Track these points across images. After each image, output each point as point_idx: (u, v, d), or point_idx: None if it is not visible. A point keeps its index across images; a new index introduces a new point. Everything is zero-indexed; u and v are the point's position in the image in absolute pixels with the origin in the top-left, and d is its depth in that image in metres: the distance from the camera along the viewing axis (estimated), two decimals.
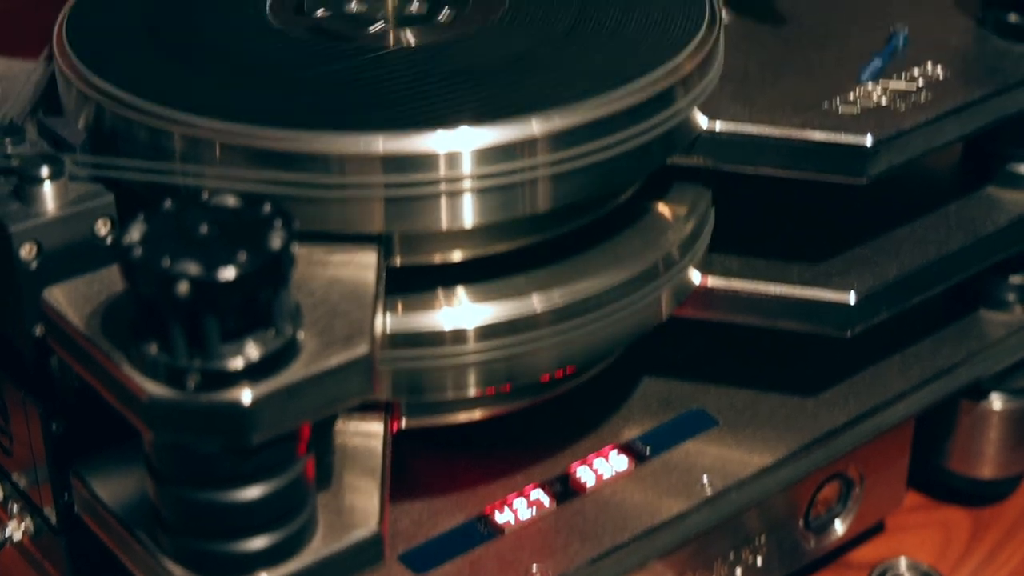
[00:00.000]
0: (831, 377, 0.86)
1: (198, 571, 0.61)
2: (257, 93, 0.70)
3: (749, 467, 0.80)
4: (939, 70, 0.80)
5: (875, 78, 0.79)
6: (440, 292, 0.71)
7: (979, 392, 0.91)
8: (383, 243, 0.68)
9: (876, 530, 0.94)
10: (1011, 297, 0.90)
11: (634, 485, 0.79)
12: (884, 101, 0.78)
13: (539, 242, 0.73)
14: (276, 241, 0.57)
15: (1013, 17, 0.84)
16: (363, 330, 0.61)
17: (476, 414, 0.76)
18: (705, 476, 0.79)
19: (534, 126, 0.67)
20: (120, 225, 0.65)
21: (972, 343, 0.89)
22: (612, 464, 0.80)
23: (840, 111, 0.77)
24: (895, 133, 0.75)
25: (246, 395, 0.57)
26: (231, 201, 0.59)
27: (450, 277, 0.72)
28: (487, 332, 0.70)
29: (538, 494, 0.78)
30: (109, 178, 0.67)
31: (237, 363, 0.57)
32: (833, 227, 0.83)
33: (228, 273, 0.55)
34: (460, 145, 0.66)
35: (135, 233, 0.57)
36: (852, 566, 0.93)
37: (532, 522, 0.77)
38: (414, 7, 0.79)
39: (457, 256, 0.72)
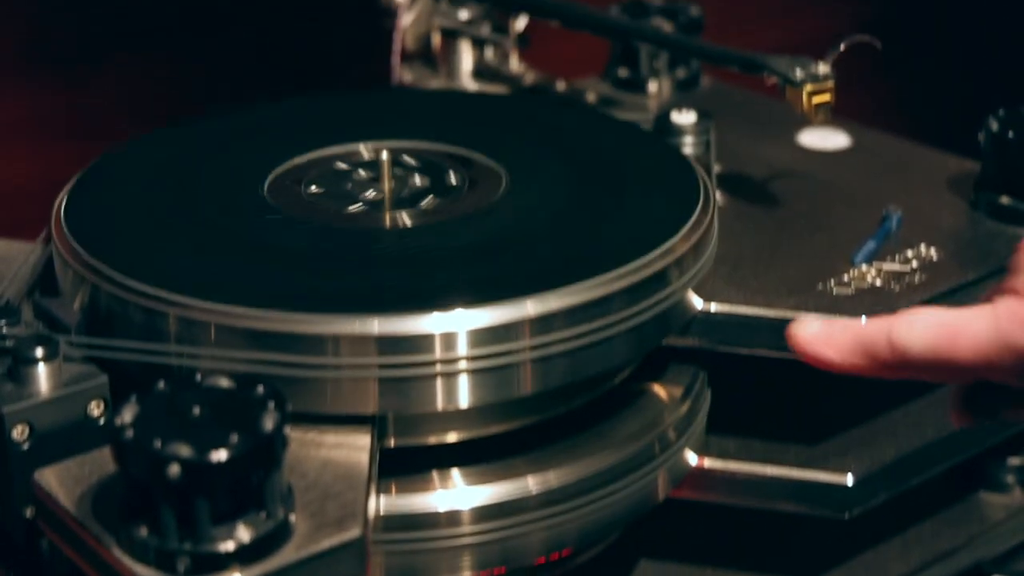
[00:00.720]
0: (830, 559, 0.85)
1: None
2: (252, 273, 0.70)
3: None
4: (933, 252, 0.81)
5: (869, 260, 0.80)
6: (434, 474, 0.71)
7: (980, 575, 0.90)
8: (377, 424, 0.67)
9: None
10: (1010, 479, 0.90)
11: None
12: (879, 282, 0.78)
13: (534, 423, 0.73)
14: (268, 423, 0.57)
15: (1005, 199, 0.84)
16: (355, 513, 0.61)
17: None
18: None
19: (529, 307, 0.67)
20: (113, 406, 0.65)
21: (972, 525, 0.88)
22: None
23: (835, 292, 0.77)
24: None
25: None
26: (224, 383, 0.59)
27: (444, 458, 0.71)
28: (482, 514, 0.70)
29: None
30: (104, 358, 0.67)
31: (228, 546, 0.56)
32: (830, 407, 0.83)
33: (220, 455, 0.55)
34: (455, 327, 0.66)
35: (127, 415, 0.57)
36: None
37: None
38: (411, 187, 0.79)
39: (451, 437, 0.71)
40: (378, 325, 0.65)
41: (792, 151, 0.94)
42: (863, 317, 0.75)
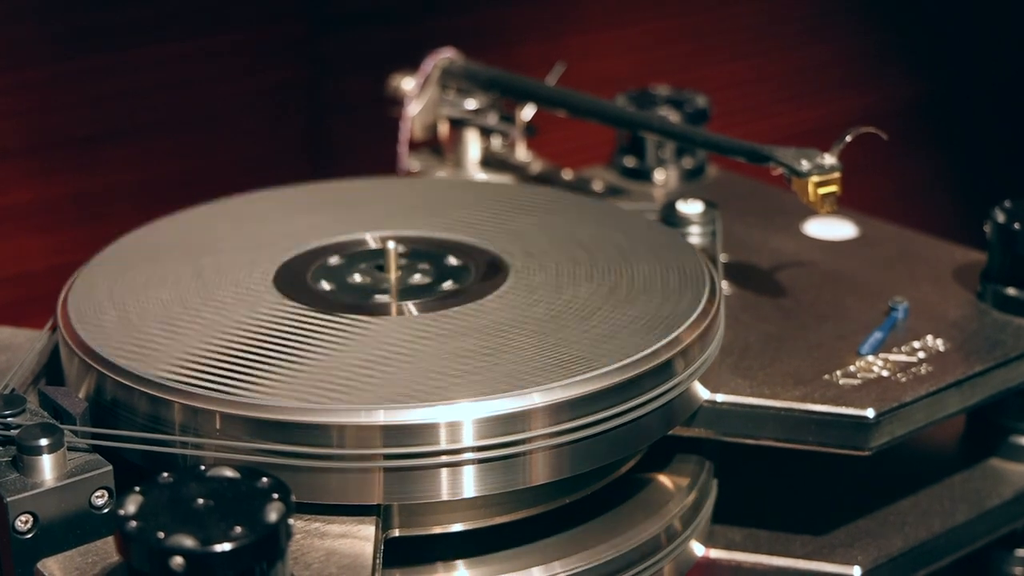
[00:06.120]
0: None
1: None
2: (257, 364, 0.70)
3: None
4: (939, 343, 0.81)
5: (875, 351, 0.80)
6: (439, 565, 0.70)
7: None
8: (382, 514, 0.67)
9: None
10: (1018, 571, 0.89)
11: None
12: (885, 373, 0.78)
13: (540, 513, 0.73)
14: (272, 514, 0.56)
15: (1011, 291, 0.84)
16: None
17: None
18: None
19: (535, 398, 0.67)
20: (117, 496, 0.65)
21: None
22: None
23: (841, 383, 0.77)
24: (897, 405, 0.75)
25: None
26: (228, 473, 0.59)
27: (450, 548, 0.71)
28: None
29: None
30: (108, 448, 0.67)
31: None
32: (837, 498, 0.83)
33: (223, 547, 0.55)
34: (461, 418, 0.66)
35: (131, 505, 0.57)
36: None
37: None
38: (417, 279, 0.79)
39: (457, 527, 0.71)
40: (384, 415, 0.65)
41: (798, 241, 0.94)
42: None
